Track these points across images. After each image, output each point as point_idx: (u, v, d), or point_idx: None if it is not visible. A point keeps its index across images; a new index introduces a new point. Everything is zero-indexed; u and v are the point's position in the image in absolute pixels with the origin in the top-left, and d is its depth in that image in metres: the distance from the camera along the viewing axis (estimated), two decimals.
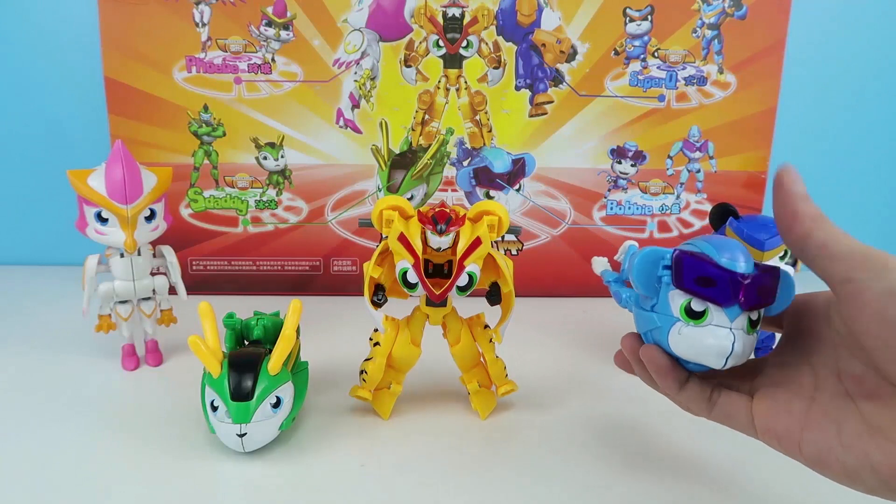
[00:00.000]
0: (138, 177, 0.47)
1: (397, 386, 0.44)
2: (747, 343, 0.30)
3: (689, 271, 0.30)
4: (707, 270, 0.29)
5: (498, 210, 0.39)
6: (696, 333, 0.30)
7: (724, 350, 0.29)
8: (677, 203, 0.70)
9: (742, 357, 0.30)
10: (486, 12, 0.65)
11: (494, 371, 0.43)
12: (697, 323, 0.30)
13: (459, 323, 0.43)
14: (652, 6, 0.65)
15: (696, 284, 0.30)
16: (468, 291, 0.39)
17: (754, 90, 0.67)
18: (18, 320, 0.61)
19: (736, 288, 0.29)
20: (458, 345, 0.42)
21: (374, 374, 0.42)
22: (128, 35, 0.64)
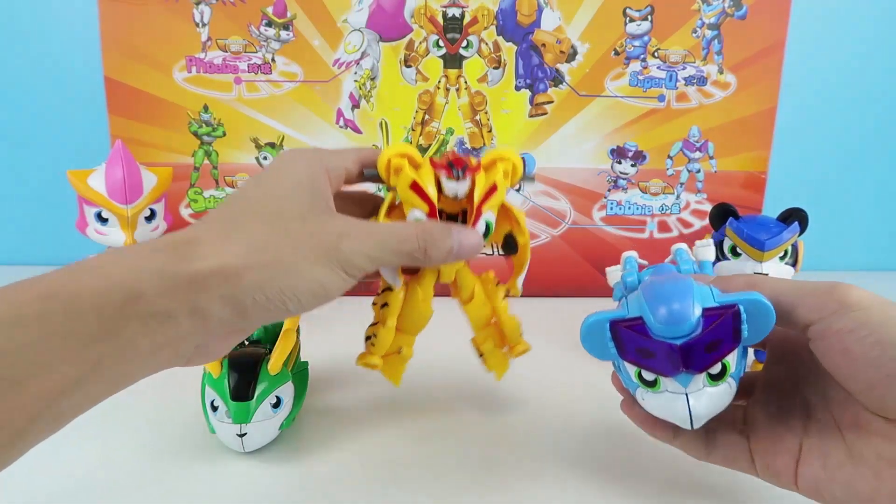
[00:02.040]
0: (138, 177, 0.47)
1: (408, 349, 0.40)
2: (715, 397, 0.28)
3: (629, 343, 0.28)
4: (642, 343, 0.28)
5: (511, 156, 0.36)
6: (657, 401, 0.29)
7: (684, 418, 0.28)
8: (677, 203, 0.70)
9: (715, 410, 0.28)
10: (486, 12, 0.65)
11: (509, 329, 0.41)
12: (654, 390, 0.29)
13: (472, 278, 0.40)
14: (652, 6, 0.65)
15: (638, 356, 0.28)
16: (484, 241, 0.36)
17: (754, 90, 0.67)
18: None
19: (674, 358, 0.27)
20: (472, 301, 0.40)
21: (384, 339, 0.39)
22: (128, 35, 0.64)
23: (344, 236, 0.30)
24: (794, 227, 0.46)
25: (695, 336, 0.27)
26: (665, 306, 0.27)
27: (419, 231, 0.32)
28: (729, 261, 0.47)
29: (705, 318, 0.27)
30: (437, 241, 0.32)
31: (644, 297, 0.29)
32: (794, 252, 0.47)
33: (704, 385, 0.28)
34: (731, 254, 0.47)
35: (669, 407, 0.28)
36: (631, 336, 0.28)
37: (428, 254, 0.32)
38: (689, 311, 0.27)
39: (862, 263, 0.85)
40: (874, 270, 0.84)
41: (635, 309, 0.29)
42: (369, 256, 0.30)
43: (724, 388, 0.28)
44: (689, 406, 0.28)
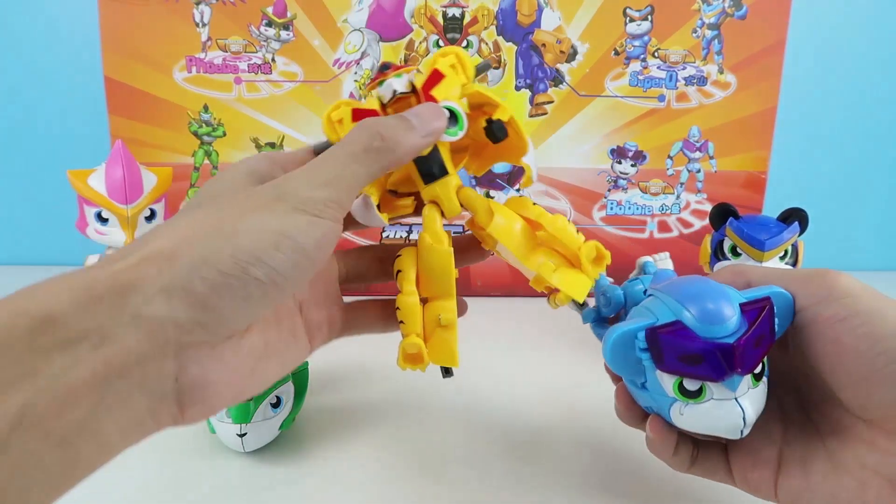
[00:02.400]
0: (138, 177, 0.47)
1: (448, 314, 0.31)
2: (758, 399, 0.26)
3: (670, 351, 0.25)
4: (689, 347, 0.25)
5: (451, 49, 0.32)
6: (700, 412, 0.26)
7: (736, 426, 0.26)
8: (677, 203, 0.70)
9: (757, 415, 0.26)
10: (486, 12, 0.65)
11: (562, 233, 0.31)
12: (697, 401, 0.26)
13: (480, 196, 0.32)
14: (652, 6, 0.65)
15: (681, 364, 0.25)
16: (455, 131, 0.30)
17: (754, 90, 0.67)
18: None
19: (729, 358, 0.24)
20: (494, 221, 0.31)
21: (407, 311, 0.31)
22: (128, 35, 0.64)
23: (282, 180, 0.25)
24: (794, 226, 0.46)
25: (743, 333, 0.25)
26: (704, 304, 0.25)
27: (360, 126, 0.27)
28: (729, 261, 0.47)
29: (745, 314, 0.25)
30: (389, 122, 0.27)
31: (675, 298, 0.26)
32: (794, 252, 0.47)
33: (749, 387, 0.26)
34: (731, 254, 0.47)
35: (717, 416, 0.26)
36: (674, 342, 0.25)
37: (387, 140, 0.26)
38: (731, 307, 0.25)
39: (862, 263, 0.85)
40: (874, 270, 0.84)
41: (663, 313, 0.26)
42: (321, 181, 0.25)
43: (762, 388, 0.27)
44: (744, 411, 0.25)
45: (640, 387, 0.28)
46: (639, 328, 0.26)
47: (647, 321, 0.26)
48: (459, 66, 0.31)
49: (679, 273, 0.34)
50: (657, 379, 0.27)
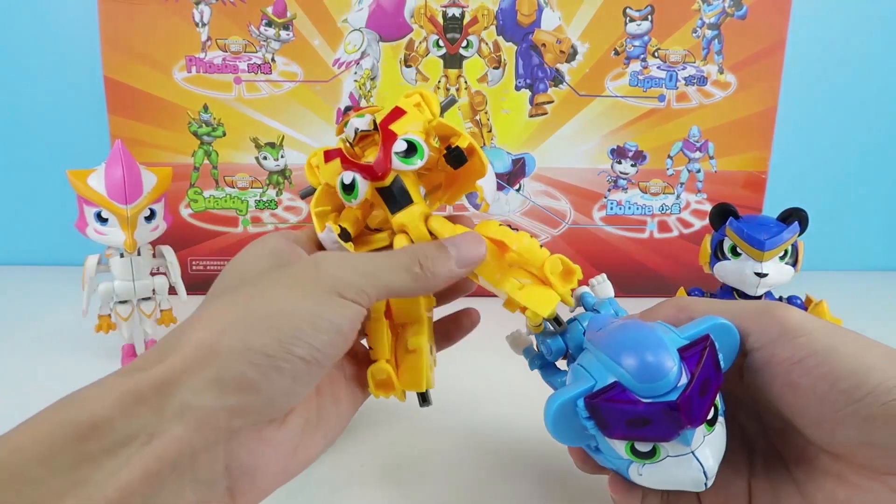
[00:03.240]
0: (138, 177, 0.47)
1: (416, 339, 0.32)
2: (717, 444, 0.25)
3: (613, 419, 0.24)
4: (632, 411, 0.23)
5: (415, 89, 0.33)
6: (659, 471, 0.24)
7: (698, 480, 0.24)
8: (677, 203, 0.70)
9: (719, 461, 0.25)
10: (486, 12, 0.65)
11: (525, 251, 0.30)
12: (653, 461, 0.24)
13: (449, 226, 0.32)
14: (652, 6, 0.65)
15: (628, 429, 0.24)
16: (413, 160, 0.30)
17: (754, 90, 0.67)
18: (18, 320, 0.61)
19: (676, 416, 0.23)
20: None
21: (375, 336, 0.32)
22: (128, 35, 0.64)
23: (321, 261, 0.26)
24: (794, 226, 0.46)
25: (687, 385, 0.23)
26: (641, 360, 0.23)
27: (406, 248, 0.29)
28: (729, 261, 0.47)
29: (686, 360, 0.24)
30: (429, 252, 0.28)
31: (609, 355, 0.25)
32: (794, 252, 0.47)
33: (705, 434, 0.24)
34: (731, 254, 0.47)
35: (676, 473, 0.24)
36: (617, 408, 0.23)
37: (424, 265, 0.27)
38: (670, 357, 0.24)
39: (862, 263, 0.85)
40: (874, 270, 0.84)
41: (600, 374, 0.25)
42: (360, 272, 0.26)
43: (720, 429, 0.25)
44: (702, 464, 0.24)
45: (594, 450, 0.27)
46: (577, 395, 0.25)
47: (585, 386, 0.25)
48: (424, 105, 0.32)
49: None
50: (608, 443, 0.25)
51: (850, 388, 0.23)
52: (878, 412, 0.22)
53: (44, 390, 0.47)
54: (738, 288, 0.48)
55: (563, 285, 0.30)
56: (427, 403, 0.33)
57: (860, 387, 0.23)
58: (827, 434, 0.24)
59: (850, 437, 0.23)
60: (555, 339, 0.31)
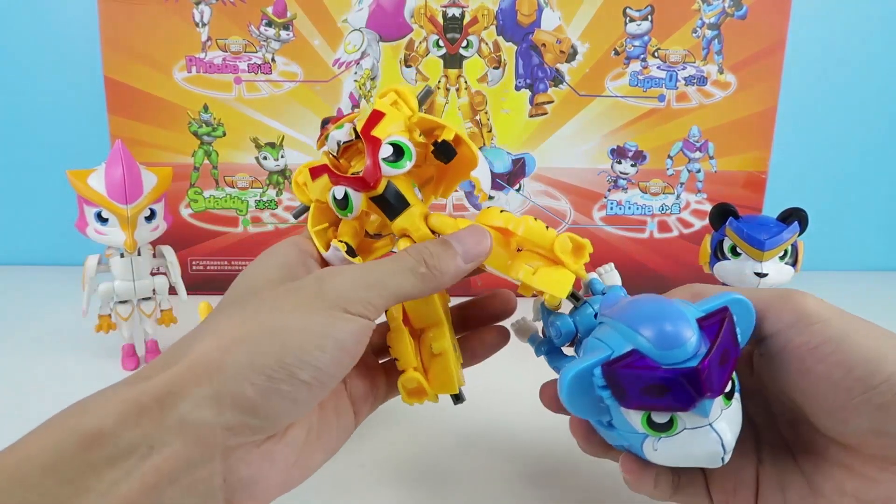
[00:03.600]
0: (138, 177, 0.47)
1: (439, 343, 0.32)
2: (735, 420, 0.24)
3: (631, 386, 0.23)
4: (651, 378, 0.23)
5: (388, 87, 0.32)
6: (675, 445, 0.24)
7: (716, 454, 0.23)
8: (677, 203, 0.70)
9: (736, 437, 0.24)
10: (486, 12, 0.65)
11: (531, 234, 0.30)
12: (669, 434, 0.24)
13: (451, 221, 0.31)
14: (652, 6, 0.65)
15: (646, 398, 0.23)
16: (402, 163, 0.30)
17: (754, 90, 0.67)
18: (18, 320, 0.61)
19: (696, 383, 0.22)
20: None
21: (399, 347, 0.31)
22: (128, 35, 0.64)
23: (326, 276, 0.26)
24: (793, 226, 0.46)
25: (706, 353, 0.22)
26: (660, 328, 0.23)
27: (409, 249, 0.28)
28: (729, 261, 0.47)
29: (705, 330, 0.23)
30: (433, 250, 0.28)
31: (626, 324, 0.24)
32: (793, 252, 0.47)
33: (722, 408, 0.24)
34: (731, 253, 0.47)
35: (694, 446, 0.23)
36: (634, 374, 0.23)
37: (430, 264, 0.27)
38: (689, 326, 0.23)
39: (862, 263, 0.85)
40: (874, 270, 0.84)
41: (617, 343, 0.24)
42: (365, 285, 0.25)
43: (737, 406, 0.25)
44: (721, 436, 0.23)
45: (607, 426, 0.26)
46: (594, 364, 0.24)
47: (601, 355, 0.24)
48: (401, 101, 0.32)
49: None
50: (623, 416, 0.25)
51: (865, 375, 0.23)
52: (893, 400, 0.22)
53: (44, 390, 0.48)
54: None
55: (575, 262, 0.30)
56: (461, 401, 0.33)
57: (876, 374, 0.22)
58: (839, 423, 0.24)
59: (862, 426, 0.23)
60: (564, 320, 0.30)
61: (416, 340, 0.32)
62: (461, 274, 0.28)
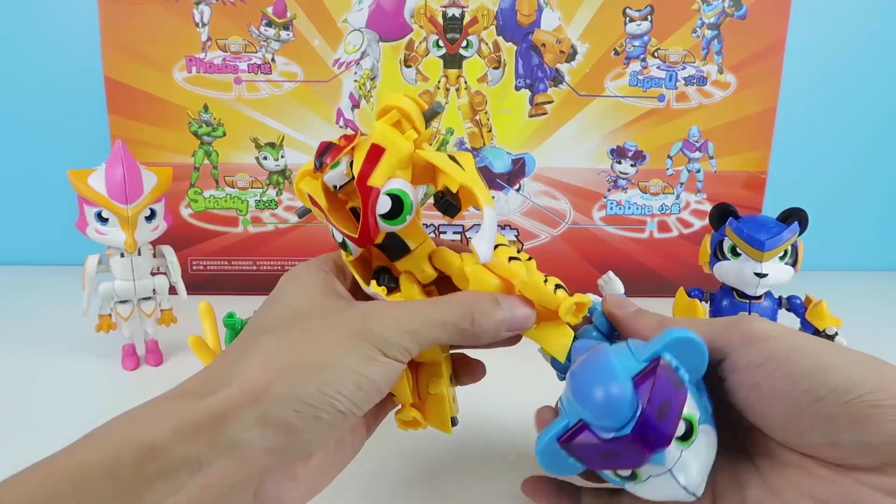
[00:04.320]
0: (138, 177, 0.47)
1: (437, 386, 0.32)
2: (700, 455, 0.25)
3: (586, 454, 0.25)
4: (598, 449, 0.24)
5: (396, 101, 0.28)
6: (648, 489, 0.26)
7: (683, 495, 0.25)
8: (677, 203, 0.70)
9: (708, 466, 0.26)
10: (486, 12, 0.65)
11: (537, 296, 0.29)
12: (639, 482, 0.26)
13: (456, 260, 0.30)
14: (652, 6, 0.65)
15: (602, 462, 0.25)
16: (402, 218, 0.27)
17: (754, 90, 0.67)
18: (18, 320, 0.61)
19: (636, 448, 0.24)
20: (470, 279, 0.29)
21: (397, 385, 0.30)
22: (128, 35, 0.64)
23: (370, 315, 0.26)
24: (793, 226, 0.46)
25: (640, 414, 0.23)
26: (596, 398, 0.24)
27: (462, 299, 0.28)
28: (729, 261, 0.47)
29: (639, 388, 0.24)
30: (485, 309, 0.27)
31: (573, 395, 0.26)
32: (793, 252, 0.47)
33: (681, 451, 0.25)
34: (730, 254, 0.47)
35: (663, 490, 0.25)
36: (583, 447, 0.25)
37: (476, 322, 0.27)
38: (620, 391, 0.24)
39: (862, 263, 0.85)
40: (874, 270, 0.84)
41: (571, 412, 0.26)
42: (405, 330, 0.26)
43: (702, 440, 0.26)
44: (679, 482, 0.25)
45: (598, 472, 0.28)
46: (553, 437, 0.26)
47: (560, 425, 0.26)
48: (405, 122, 0.28)
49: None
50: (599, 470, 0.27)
51: (811, 387, 0.23)
52: (841, 411, 0.23)
53: (44, 390, 0.48)
54: (737, 288, 0.48)
55: (575, 319, 0.29)
56: (453, 425, 0.33)
57: (821, 386, 0.23)
58: (794, 437, 0.25)
59: (816, 438, 0.24)
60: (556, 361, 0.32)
61: (414, 372, 0.32)
62: (496, 339, 0.28)
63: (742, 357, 0.25)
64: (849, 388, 0.23)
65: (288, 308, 0.28)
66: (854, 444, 0.23)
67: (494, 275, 0.29)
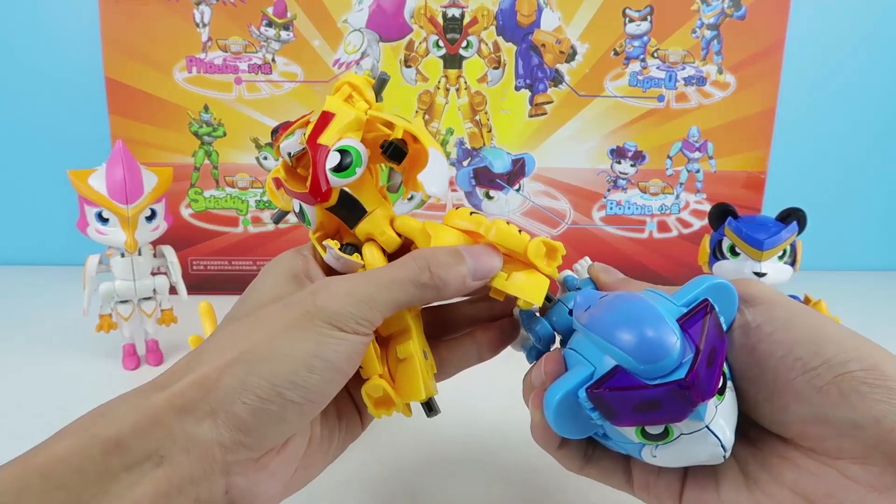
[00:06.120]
0: (139, 177, 0.47)
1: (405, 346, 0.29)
2: (730, 413, 0.23)
3: (620, 407, 0.22)
4: (640, 396, 0.22)
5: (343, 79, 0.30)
6: (674, 450, 0.23)
7: (717, 454, 0.23)
8: (677, 203, 0.70)
9: (734, 430, 0.23)
10: (486, 12, 0.65)
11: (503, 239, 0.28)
12: (666, 441, 0.23)
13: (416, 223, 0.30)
14: (651, 6, 0.65)
15: (637, 415, 0.22)
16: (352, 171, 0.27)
17: (754, 90, 0.67)
18: (18, 320, 0.61)
19: (687, 395, 0.21)
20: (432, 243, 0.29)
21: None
22: (128, 35, 0.64)
23: (319, 290, 0.25)
24: (792, 226, 0.46)
25: (692, 358, 0.21)
26: (641, 340, 0.22)
27: (415, 255, 0.27)
28: (728, 260, 0.48)
29: (688, 332, 0.22)
30: (443, 260, 0.26)
31: (605, 337, 0.23)
32: (792, 252, 0.47)
33: (716, 406, 0.23)
34: (730, 253, 0.47)
35: (692, 451, 0.23)
36: (622, 395, 0.22)
37: (436, 274, 0.26)
38: (671, 331, 0.22)
39: (861, 263, 0.85)
40: (874, 270, 0.84)
41: (598, 358, 0.23)
42: (359, 299, 0.25)
43: (730, 397, 0.24)
44: (719, 436, 0.22)
45: (602, 436, 0.25)
46: (577, 386, 0.23)
47: (583, 373, 0.23)
48: (356, 94, 0.29)
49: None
50: (616, 430, 0.24)
51: (805, 355, 0.22)
52: (831, 385, 0.22)
53: (44, 390, 0.48)
54: None
55: (548, 266, 0.28)
56: (434, 413, 0.30)
57: (816, 356, 0.22)
58: (780, 411, 0.23)
59: (802, 412, 0.23)
60: (541, 324, 0.29)
61: (384, 348, 0.30)
62: (463, 291, 0.27)
63: (740, 317, 0.25)
64: (843, 361, 0.22)
65: (252, 298, 0.28)
66: (840, 422, 0.22)
67: (458, 231, 0.29)
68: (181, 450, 0.22)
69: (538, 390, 0.26)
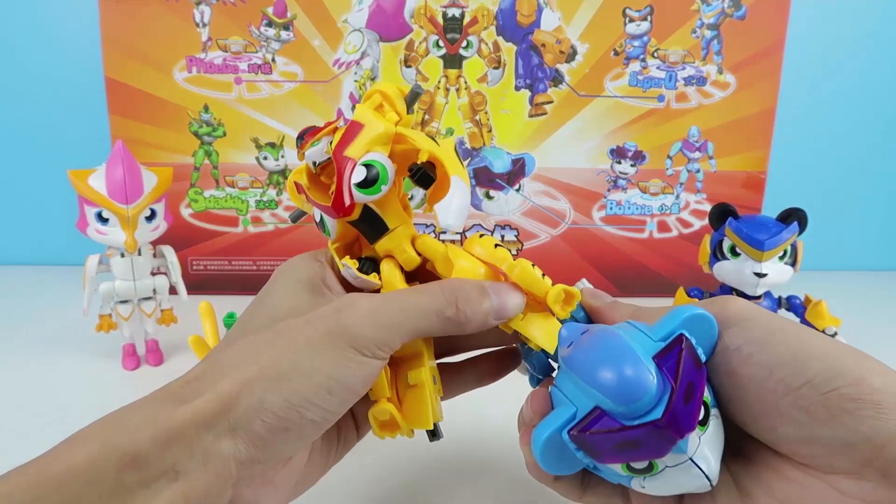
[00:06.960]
0: (139, 177, 0.47)
1: (417, 373, 0.29)
2: (715, 441, 0.23)
3: (603, 446, 0.22)
4: (620, 437, 0.22)
5: (378, 86, 0.29)
6: (661, 482, 0.23)
7: (702, 485, 0.23)
8: (677, 203, 0.70)
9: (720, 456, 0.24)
10: (486, 12, 0.65)
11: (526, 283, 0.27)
12: (652, 474, 0.23)
13: (439, 246, 0.29)
14: (651, 6, 0.65)
15: (620, 454, 0.22)
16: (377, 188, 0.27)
17: (754, 90, 0.67)
18: (18, 320, 0.61)
19: (666, 434, 0.21)
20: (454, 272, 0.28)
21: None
22: (128, 35, 0.64)
23: (344, 309, 0.25)
24: (793, 226, 0.46)
25: (669, 396, 0.21)
26: (618, 381, 0.22)
27: (444, 286, 0.26)
28: (728, 261, 0.48)
29: (664, 369, 0.22)
30: (470, 296, 0.26)
31: (584, 379, 0.23)
32: (793, 252, 0.47)
33: (699, 437, 0.23)
34: (730, 253, 0.47)
35: (678, 482, 0.23)
36: (602, 438, 0.22)
37: (461, 309, 0.26)
38: (646, 369, 0.22)
39: (861, 263, 0.85)
40: (874, 270, 0.84)
41: (579, 399, 0.24)
42: (383, 324, 0.24)
43: (714, 424, 0.24)
44: (703, 470, 0.22)
45: (593, 468, 0.25)
46: (560, 428, 0.23)
47: (566, 414, 0.24)
48: (387, 104, 0.28)
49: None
50: (604, 466, 0.24)
51: (787, 376, 0.22)
52: (817, 404, 0.21)
53: (44, 390, 0.48)
54: (737, 288, 0.48)
55: (563, 311, 0.28)
56: (437, 438, 0.29)
57: (798, 375, 0.22)
58: (768, 431, 0.23)
59: (790, 433, 0.22)
60: (537, 356, 0.30)
61: (393, 369, 0.30)
62: (483, 328, 0.27)
63: (720, 341, 0.24)
64: (827, 379, 0.21)
65: (269, 306, 0.27)
66: (830, 442, 0.21)
67: (480, 262, 0.28)
68: (198, 465, 0.22)
69: (526, 428, 0.26)
